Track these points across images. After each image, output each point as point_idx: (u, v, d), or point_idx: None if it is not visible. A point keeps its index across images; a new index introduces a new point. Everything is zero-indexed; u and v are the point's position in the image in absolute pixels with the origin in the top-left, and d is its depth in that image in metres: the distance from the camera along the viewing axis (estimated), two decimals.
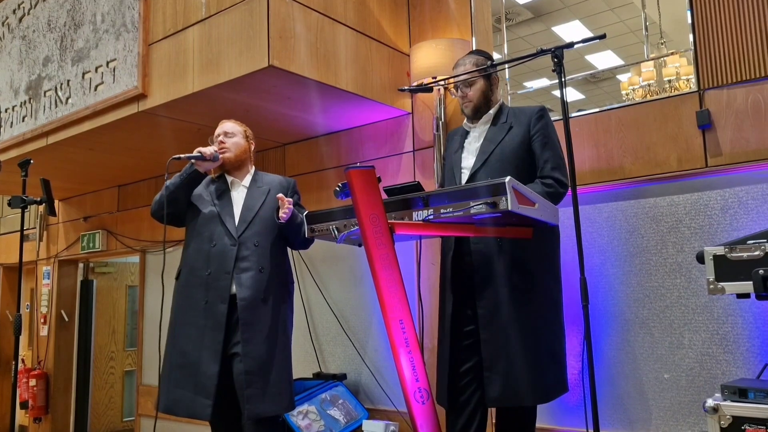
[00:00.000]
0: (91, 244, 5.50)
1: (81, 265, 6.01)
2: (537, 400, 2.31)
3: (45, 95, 4.09)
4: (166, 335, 2.77)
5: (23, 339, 6.43)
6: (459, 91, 2.59)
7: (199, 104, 3.37)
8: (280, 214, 2.69)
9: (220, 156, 2.80)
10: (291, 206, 2.69)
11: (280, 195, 2.71)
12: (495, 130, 2.54)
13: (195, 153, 2.74)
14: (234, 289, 2.65)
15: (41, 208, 5.97)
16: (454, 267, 2.51)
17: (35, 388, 5.63)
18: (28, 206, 3.36)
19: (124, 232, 5.26)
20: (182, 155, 2.73)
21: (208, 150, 2.76)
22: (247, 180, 2.89)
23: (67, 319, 5.84)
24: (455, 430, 2.43)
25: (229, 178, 2.88)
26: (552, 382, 2.35)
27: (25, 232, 3.48)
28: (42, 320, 5.92)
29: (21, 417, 6.02)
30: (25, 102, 4.27)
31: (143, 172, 4.90)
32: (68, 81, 3.92)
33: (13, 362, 3.35)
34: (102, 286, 6.08)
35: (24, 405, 5.65)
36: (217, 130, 2.89)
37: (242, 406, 2.57)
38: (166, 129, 3.77)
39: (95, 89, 3.71)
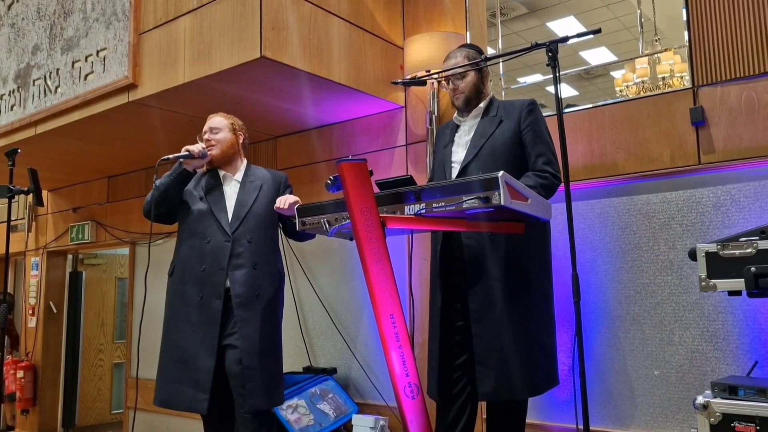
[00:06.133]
0: (80, 236, 5.45)
1: (70, 256, 5.96)
2: (529, 394, 2.32)
3: (34, 84, 4.04)
4: (148, 329, 2.78)
5: None
6: (450, 83, 2.59)
7: (190, 95, 3.34)
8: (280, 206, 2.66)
9: (208, 153, 2.78)
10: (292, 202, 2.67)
11: (277, 205, 2.68)
12: (485, 123, 2.53)
13: (183, 152, 2.72)
14: (228, 285, 2.65)
15: (29, 198, 5.92)
16: (443, 261, 2.50)
17: (23, 380, 5.59)
18: (15, 196, 3.32)
19: (114, 223, 5.22)
20: (171, 156, 2.71)
21: (196, 148, 2.73)
22: (240, 174, 2.86)
23: (55, 310, 5.80)
24: (445, 423, 2.44)
25: (221, 173, 2.85)
26: (544, 375, 2.36)
27: (12, 223, 3.44)
28: (30, 312, 5.87)
29: (8, 408, 5.98)
30: (13, 91, 4.22)
31: (133, 163, 4.86)
32: (57, 70, 3.87)
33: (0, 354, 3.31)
34: (91, 278, 6.03)
35: (11, 397, 5.61)
36: (205, 126, 2.86)
37: (238, 399, 2.59)
38: (157, 120, 3.73)
39: (85, 78, 3.67)
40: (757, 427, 1.99)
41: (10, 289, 6.47)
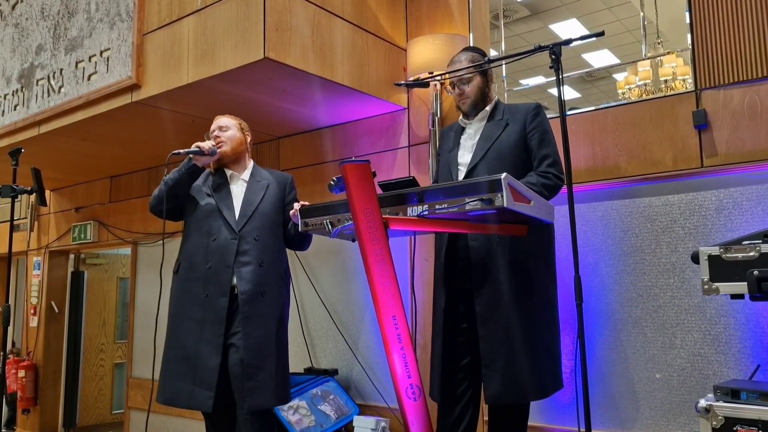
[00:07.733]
0: (82, 235, 5.46)
1: (72, 256, 5.96)
2: (536, 396, 2.31)
3: (37, 84, 4.04)
4: (165, 328, 2.77)
5: (12, 329, 6.38)
6: (456, 88, 2.58)
7: (194, 95, 3.34)
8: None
9: (218, 150, 2.80)
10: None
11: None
12: (491, 127, 2.52)
13: (193, 147, 2.74)
14: (234, 282, 2.65)
15: (32, 198, 5.92)
16: (448, 263, 2.50)
17: (24, 380, 5.59)
18: (19, 196, 3.33)
19: (116, 223, 5.23)
20: (181, 150, 2.72)
21: (206, 144, 2.76)
22: (246, 174, 2.88)
23: (57, 310, 5.80)
24: (447, 425, 2.43)
25: (228, 172, 2.86)
26: (549, 378, 2.36)
27: (15, 222, 3.45)
28: (32, 311, 5.87)
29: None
30: (17, 90, 4.22)
31: (136, 163, 4.87)
32: (61, 70, 3.88)
33: (2, 353, 3.32)
34: (93, 278, 6.04)
35: (12, 396, 5.61)
36: (212, 126, 2.89)
37: (239, 397, 2.58)
38: (160, 120, 3.74)
39: (88, 79, 3.67)
40: (760, 431, 1.99)
41: (12, 289, 6.47)
